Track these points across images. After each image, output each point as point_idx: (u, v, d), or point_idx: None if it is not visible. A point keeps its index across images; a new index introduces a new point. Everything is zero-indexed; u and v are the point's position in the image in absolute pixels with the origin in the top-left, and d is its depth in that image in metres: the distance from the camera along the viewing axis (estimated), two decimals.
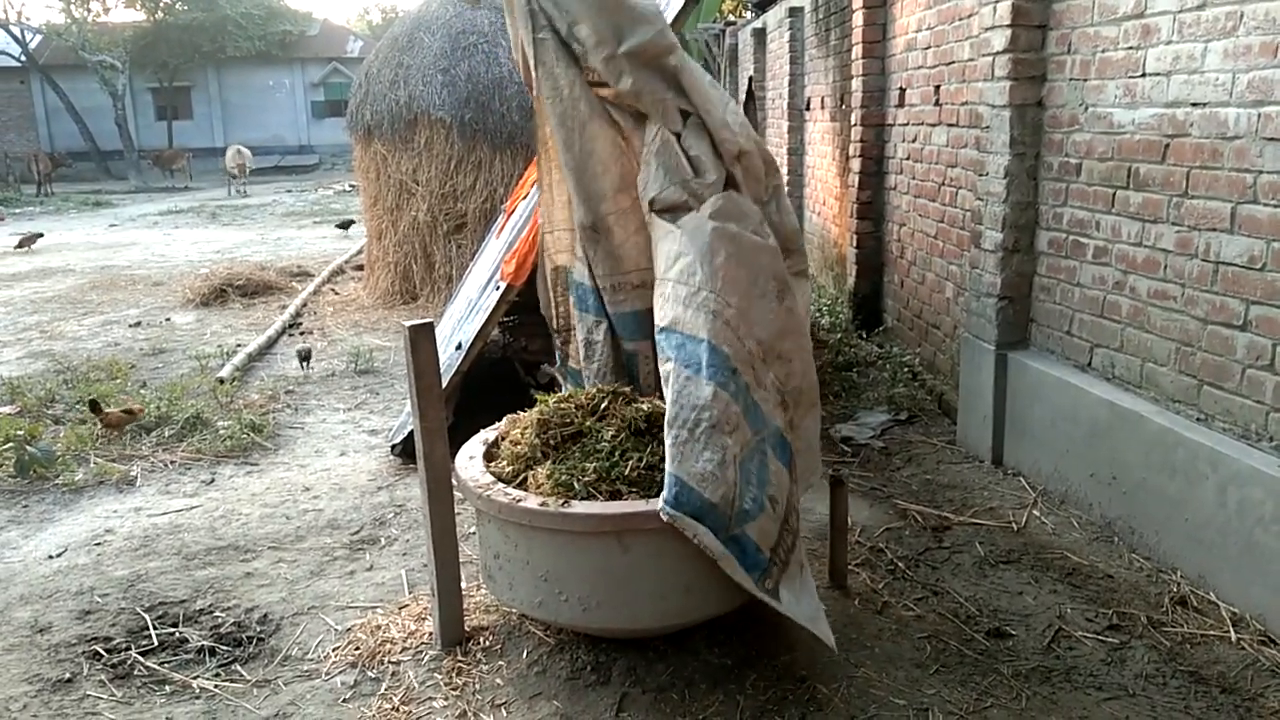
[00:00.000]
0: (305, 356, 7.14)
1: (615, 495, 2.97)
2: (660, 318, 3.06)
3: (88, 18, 31.55)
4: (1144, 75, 3.74)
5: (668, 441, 2.84)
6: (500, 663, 3.14)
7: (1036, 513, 4.20)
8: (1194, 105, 3.50)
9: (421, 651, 3.25)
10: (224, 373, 6.63)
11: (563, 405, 3.33)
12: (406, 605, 3.57)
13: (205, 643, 3.37)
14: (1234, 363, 3.38)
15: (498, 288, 4.92)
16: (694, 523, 2.75)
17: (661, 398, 3.05)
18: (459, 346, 4.95)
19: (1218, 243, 3.42)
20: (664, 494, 2.79)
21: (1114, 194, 3.96)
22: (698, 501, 2.76)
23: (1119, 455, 3.88)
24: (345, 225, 15.76)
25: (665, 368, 2.97)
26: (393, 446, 5.18)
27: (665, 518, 2.76)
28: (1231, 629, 3.21)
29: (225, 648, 3.34)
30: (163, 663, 3.26)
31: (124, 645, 3.37)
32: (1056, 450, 4.31)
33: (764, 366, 2.99)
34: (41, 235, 14.99)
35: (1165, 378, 3.74)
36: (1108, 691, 2.94)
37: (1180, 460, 3.54)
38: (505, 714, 2.90)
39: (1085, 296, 4.19)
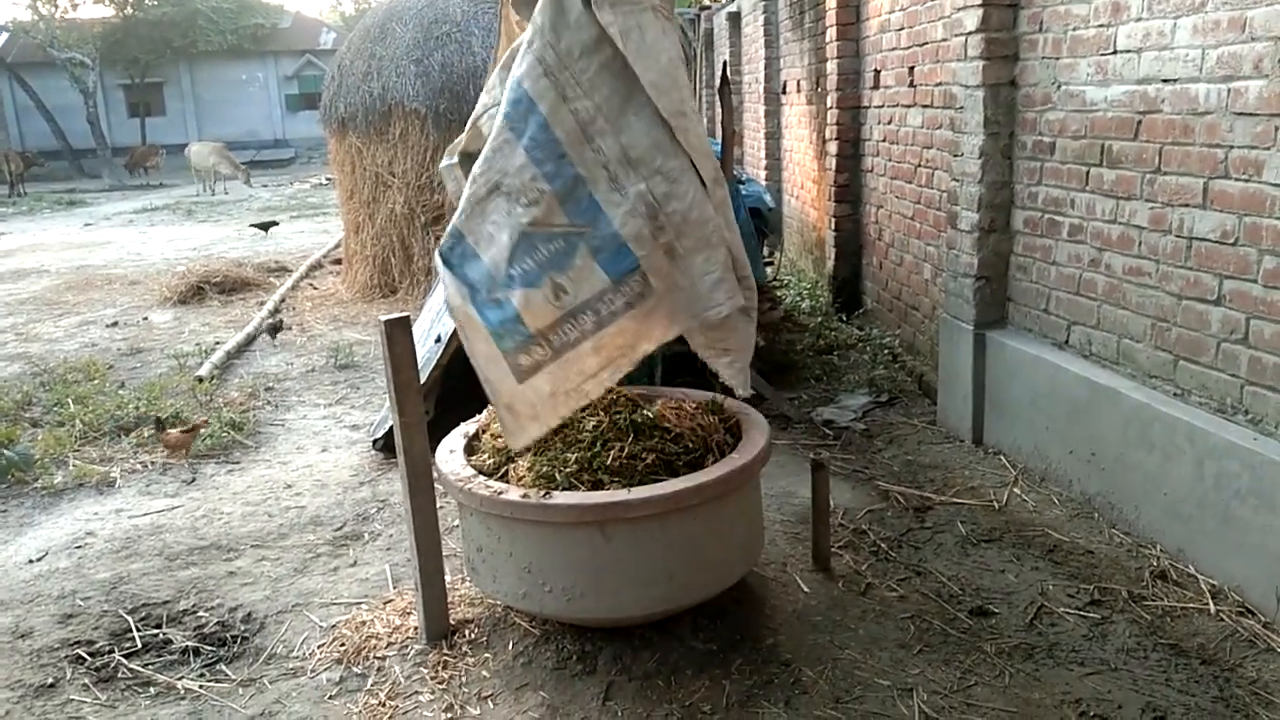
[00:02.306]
0: (274, 329, 7.09)
1: (597, 485, 2.97)
2: (514, 70, 2.82)
3: (55, 14, 31.11)
4: (1115, 52, 3.76)
5: (465, 193, 2.80)
6: (486, 655, 3.14)
7: (1017, 490, 4.22)
8: (1165, 82, 3.51)
9: (407, 646, 3.24)
10: (203, 371, 6.59)
11: None
12: (391, 600, 3.56)
13: (189, 643, 3.35)
14: (1209, 337, 3.41)
15: None
16: (450, 275, 2.75)
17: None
18: (438, 340, 4.92)
19: (1190, 218, 3.44)
20: (443, 240, 2.80)
21: (1088, 172, 3.97)
22: (470, 255, 2.76)
23: (1097, 432, 3.91)
24: (265, 226, 14.56)
25: (497, 122, 2.82)
26: (374, 441, 5.16)
27: (438, 260, 2.78)
28: (1210, 601, 3.24)
29: (209, 648, 3.33)
30: (147, 664, 3.24)
31: (107, 648, 3.35)
32: (1036, 428, 4.33)
33: (625, 172, 2.78)
34: None
35: (1141, 354, 3.77)
36: (1090, 666, 2.97)
37: (1158, 435, 3.57)
38: (492, 706, 2.90)
39: (1061, 274, 4.21)
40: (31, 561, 4.08)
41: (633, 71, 2.76)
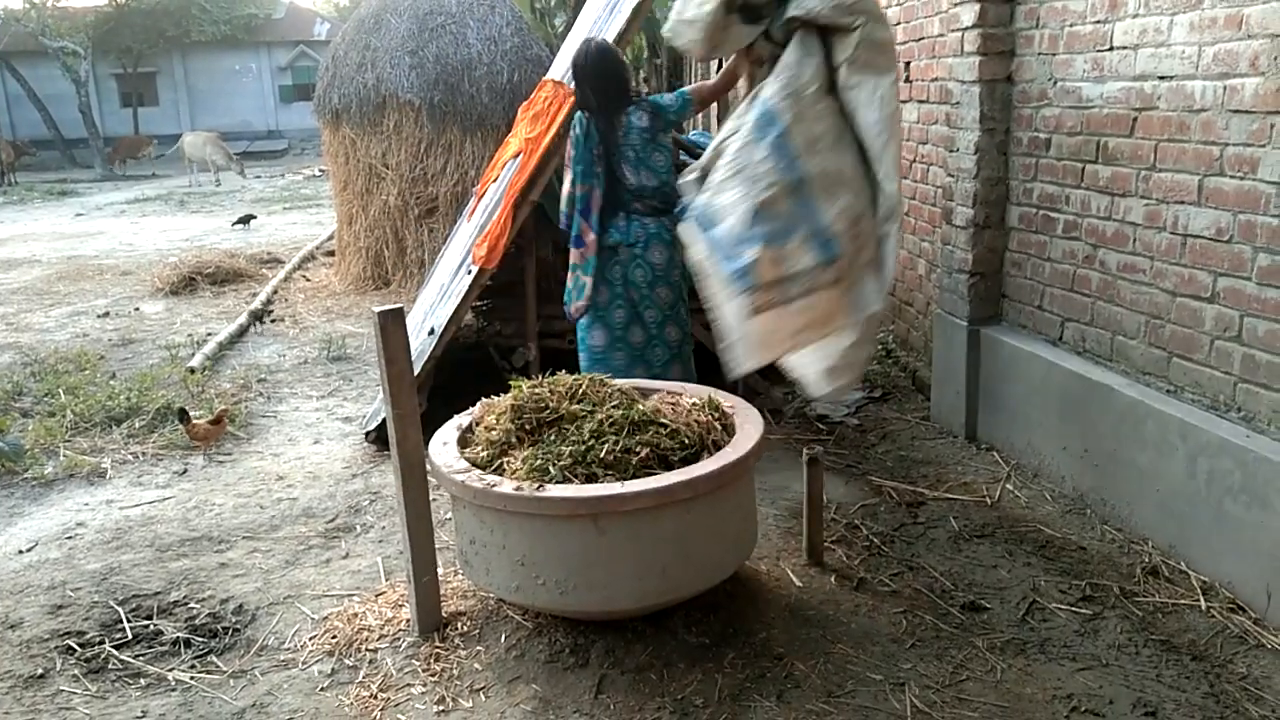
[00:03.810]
0: (260, 315, 7.12)
1: (591, 478, 2.97)
2: (763, 93, 3.59)
3: (47, 2, 30.90)
4: (1111, 49, 3.75)
5: (712, 180, 3.60)
6: (478, 647, 3.14)
7: (1010, 486, 4.23)
8: (1161, 78, 3.51)
9: (399, 638, 3.24)
10: (194, 362, 6.56)
11: (538, 390, 3.32)
12: (383, 593, 3.55)
13: (180, 634, 3.34)
14: (1202, 334, 3.41)
15: (470, 271, 4.88)
16: (701, 236, 3.55)
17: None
18: (432, 332, 4.91)
19: (1185, 215, 3.44)
20: (692, 212, 3.64)
21: (1083, 168, 3.98)
22: (712, 223, 3.53)
23: (1090, 428, 3.92)
24: (244, 220, 14.61)
25: (744, 125, 3.58)
26: (367, 433, 5.15)
27: (692, 224, 3.61)
28: (1202, 597, 3.25)
29: (201, 639, 3.32)
30: (137, 656, 3.23)
31: (97, 639, 3.34)
32: (1029, 424, 4.34)
33: (835, 187, 3.52)
34: None
35: (1135, 350, 3.77)
36: (1081, 662, 2.98)
37: (1151, 432, 3.58)
38: (484, 698, 2.90)
39: (1056, 271, 4.22)
40: (21, 552, 4.07)
41: (845, 117, 3.59)
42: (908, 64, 5.84)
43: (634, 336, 4.42)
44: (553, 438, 3.14)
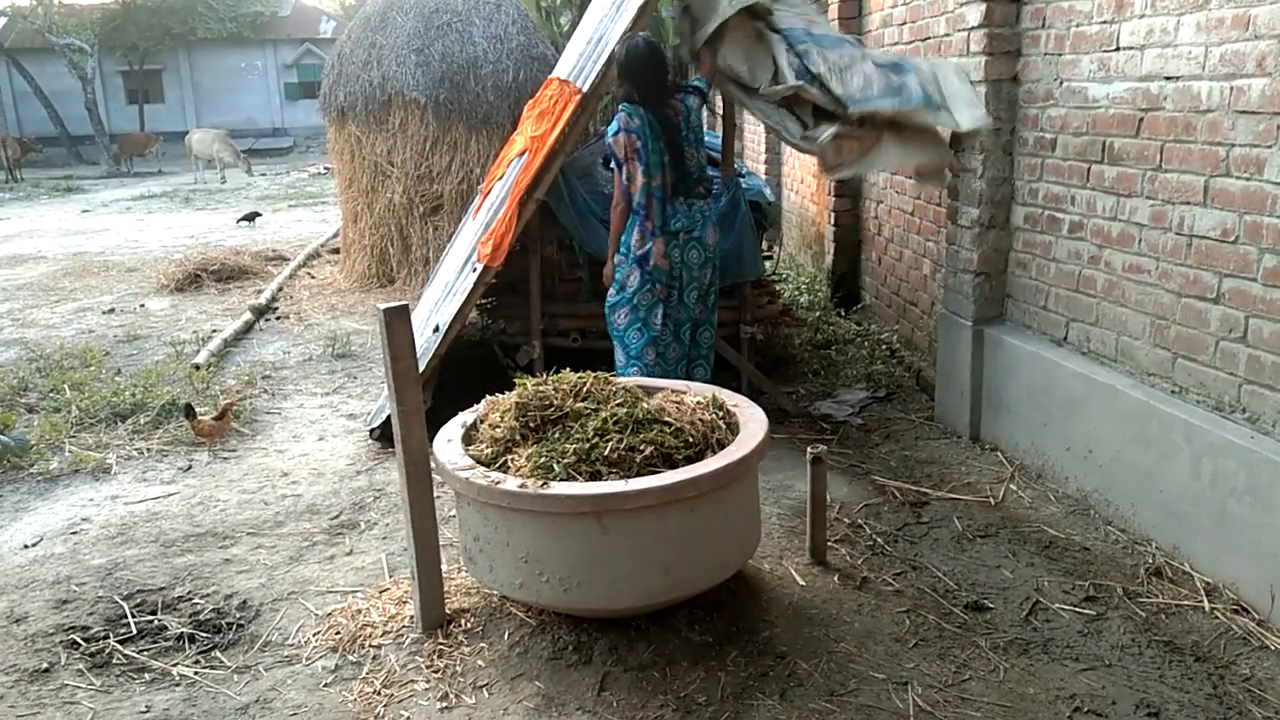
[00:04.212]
0: (262, 311, 7.15)
1: (595, 476, 2.97)
2: (785, 27, 4.57)
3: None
4: (1118, 49, 3.75)
5: (834, 88, 4.40)
6: (482, 644, 3.14)
7: (1014, 487, 4.23)
8: (1167, 79, 3.51)
9: (402, 635, 3.25)
10: (199, 359, 6.57)
11: (542, 388, 3.32)
12: (387, 589, 3.56)
13: (184, 630, 3.35)
14: (1208, 335, 3.41)
15: (475, 269, 4.88)
16: (876, 102, 4.37)
17: None
18: (436, 329, 4.92)
19: (1191, 216, 3.44)
20: (860, 100, 4.40)
21: (1089, 168, 3.97)
22: (872, 97, 4.37)
23: (1095, 429, 3.91)
24: (249, 217, 14.63)
25: (802, 48, 4.48)
26: (371, 430, 5.16)
27: (851, 114, 4.41)
28: (1205, 598, 3.25)
29: (205, 634, 3.33)
30: (141, 650, 3.24)
31: (102, 634, 3.35)
32: (1033, 424, 4.34)
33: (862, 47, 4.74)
34: None
35: (1140, 351, 3.77)
36: (1084, 662, 2.97)
37: (1155, 433, 3.57)
38: (487, 695, 2.90)
39: (1061, 271, 4.21)
40: (27, 547, 4.08)
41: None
42: None
43: (679, 315, 4.62)
44: (557, 435, 3.14)
